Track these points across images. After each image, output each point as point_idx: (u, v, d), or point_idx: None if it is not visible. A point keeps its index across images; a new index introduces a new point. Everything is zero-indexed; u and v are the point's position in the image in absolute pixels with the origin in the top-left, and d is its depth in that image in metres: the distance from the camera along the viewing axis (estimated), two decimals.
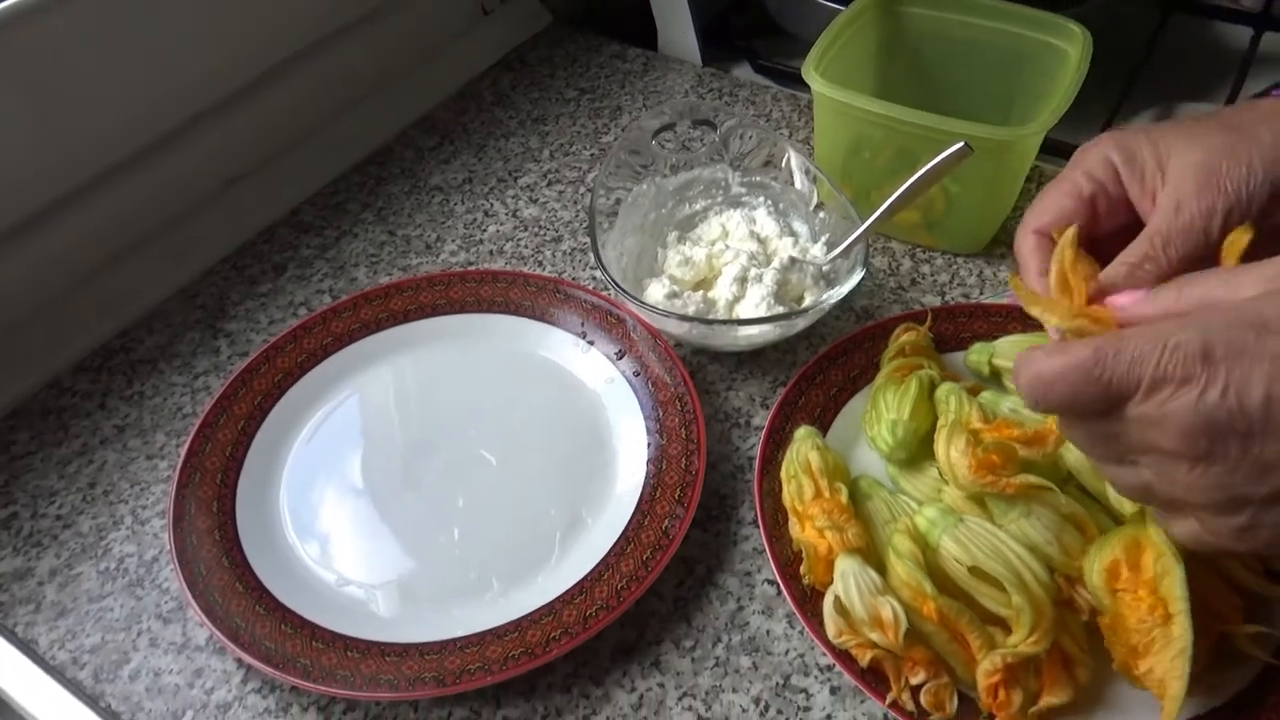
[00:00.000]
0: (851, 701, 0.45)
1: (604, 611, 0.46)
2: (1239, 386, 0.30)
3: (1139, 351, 0.31)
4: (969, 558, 0.43)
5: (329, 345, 0.60)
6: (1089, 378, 0.32)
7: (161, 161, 0.64)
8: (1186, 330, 0.31)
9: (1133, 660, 0.40)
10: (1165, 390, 0.31)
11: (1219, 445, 0.31)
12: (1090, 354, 0.32)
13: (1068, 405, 0.34)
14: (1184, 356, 0.31)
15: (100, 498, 0.55)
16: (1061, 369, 0.33)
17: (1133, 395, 0.32)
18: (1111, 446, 0.34)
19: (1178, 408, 0.31)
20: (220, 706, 0.46)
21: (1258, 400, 0.30)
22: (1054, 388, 0.33)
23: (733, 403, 0.58)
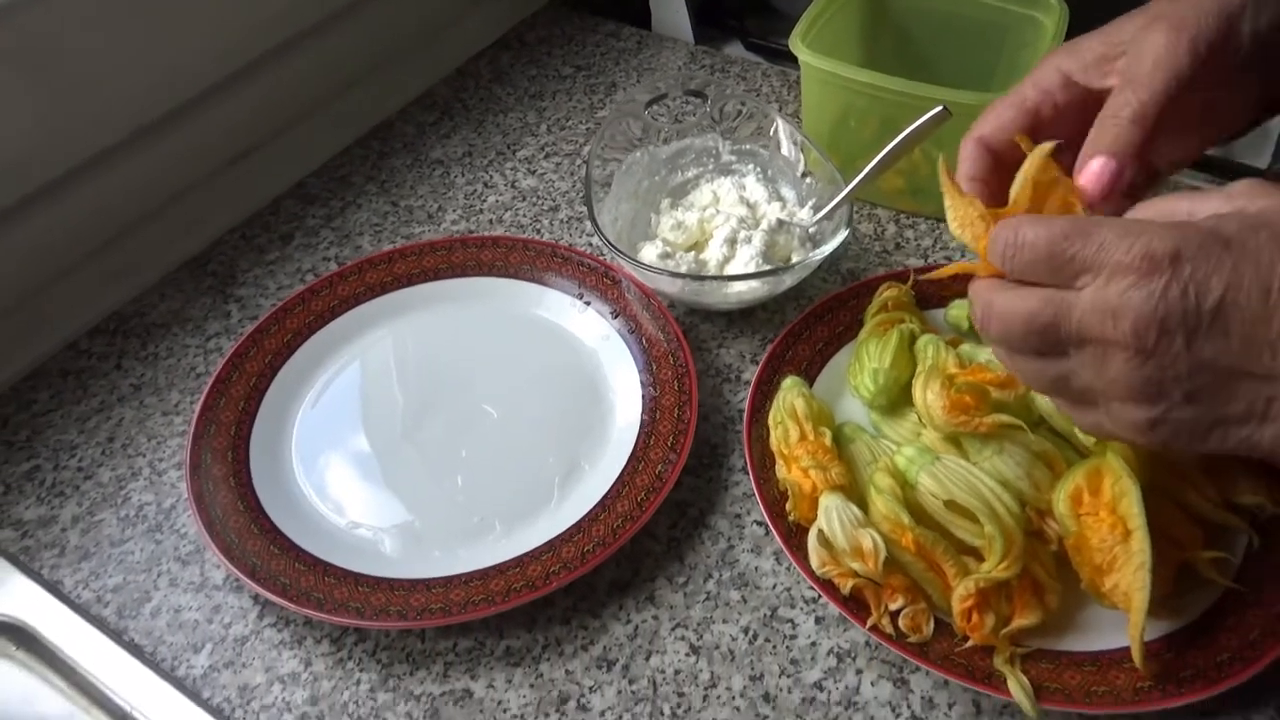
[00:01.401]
0: (835, 630, 0.48)
1: (600, 548, 0.49)
2: (1199, 288, 0.32)
3: (1108, 239, 0.34)
4: (944, 492, 0.46)
5: (336, 307, 0.62)
6: (1056, 248, 0.35)
7: (172, 135, 0.67)
8: (1161, 232, 0.33)
9: (1098, 578, 0.43)
10: (1128, 278, 0.33)
11: (1164, 339, 0.33)
12: (1066, 226, 0.35)
13: (1032, 269, 0.36)
14: (1153, 253, 0.33)
15: (119, 451, 0.58)
16: (1037, 235, 0.35)
17: (1093, 275, 0.34)
18: (1051, 335, 0.36)
19: (1138, 297, 0.33)
20: (238, 639, 0.49)
21: (1212, 302, 0.32)
22: (1023, 250, 0.36)
23: (724, 359, 0.61)
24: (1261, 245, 0.33)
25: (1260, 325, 0.32)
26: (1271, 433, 0.34)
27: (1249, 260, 0.32)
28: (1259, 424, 0.34)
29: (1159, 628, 0.45)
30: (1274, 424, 0.34)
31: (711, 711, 0.45)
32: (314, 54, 0.75)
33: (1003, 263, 0.37)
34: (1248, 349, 0.33)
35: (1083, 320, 0.34)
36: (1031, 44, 0.67)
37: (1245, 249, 0.33)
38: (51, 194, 0.61)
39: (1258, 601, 0.45)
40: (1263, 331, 0.32)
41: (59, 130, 0.60)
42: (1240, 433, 0.34)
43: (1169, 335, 0.33)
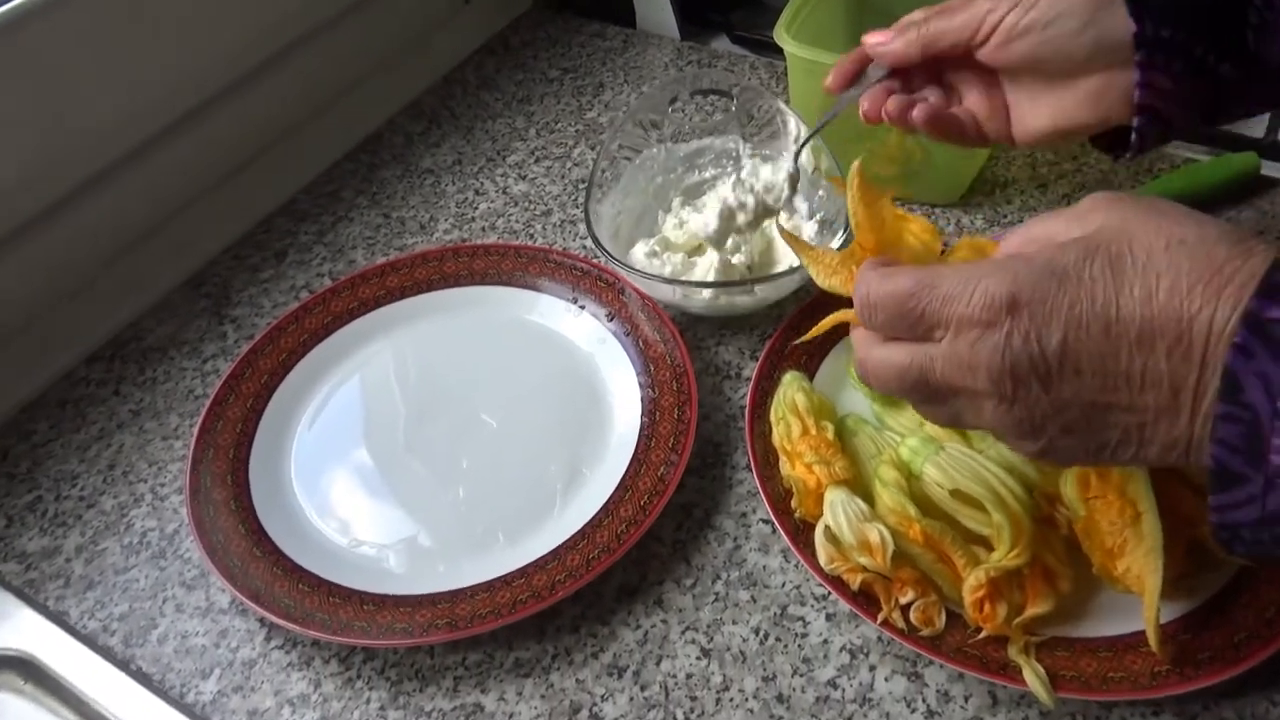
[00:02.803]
0: (847, 626, 0.47)
1: (605, 554, 0.48)
2: (1039, 334, 0.33)
3: (951, 291, 0.34)
4: (950, 481, 0.45)
5: (330, 324, 0.62)
6: (904, 307, 0.35)
7: (160, 157, 0.67)
8: (997, 275, 0.34)
9: (1110, 562, 0.42)
10: (974, 331, 0.34)
11: (1022, 387, 0.33)
12: (910, 284, 0.35)
13: (890, 326, 0.37)
14: (992, 301, 0.33)
15: (120, 478, 0.57)
16: (884, 295, 0.36)
17: (943, 329, 0.35)
18: (924, 387, 0.36)
19: (985, 349, 0.33)
20: (246, 663, 0.49)
21: (1055, 346, 0.33)
22: (877, 311, 0.37)
23: (723, 356, 0.60)
24: (1095, 278, 0.33)
25: (1109, 360, 0.32)
26: (1155, 452, 0.34)
27: (1085, 297, 0.32)
28: (1139, 446, 0.34)
29: (1174, 609, 0.44)
30: (1153, 446, 0.34)
31: (725, 715, 0.45)
32: (299, 68, 0.74)
33: (865, 323, 0.38)
34: (1103, 384, 0.33)
35: (945, 373, 0.35)
36: None
37: (1080, 283, 0.33)
38: (41, 222, 0.61)
39: (1271, 577, 0.44)
40: (1113, 365, 0.32)
41: (46, 158, 0.60)
42: (1125, 454, 0.34)
43: (1024, 383, 0.33)
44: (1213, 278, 0.31)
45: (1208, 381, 0.31)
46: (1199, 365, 0.31)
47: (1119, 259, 0.33)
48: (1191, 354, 0.31)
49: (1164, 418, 0.33)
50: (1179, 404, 0.32)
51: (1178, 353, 0.32)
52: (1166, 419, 0.33)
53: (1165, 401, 0.32)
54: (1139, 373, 0.32)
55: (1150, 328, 0.32)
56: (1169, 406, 0.32)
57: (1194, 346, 0.31)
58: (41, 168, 0.60)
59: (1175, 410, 0.32)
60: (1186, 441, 0.33)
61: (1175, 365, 0.32)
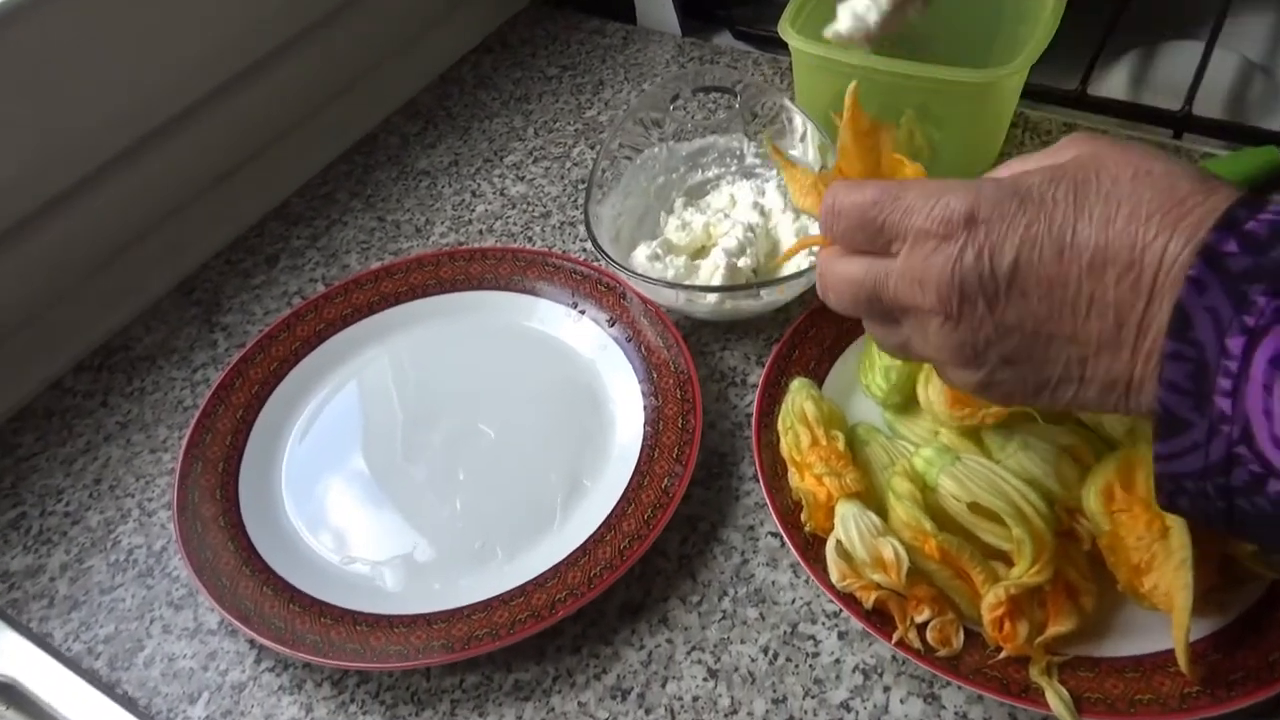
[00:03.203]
0: (860, 645, 0.45)
1: (608, 571, 0.47)
2: (992, 250, 0.32)
3: (912, 203, 0.34)
4: (967, 494, 0.43)
5: (323, 331, 0.60)
6: (866, 215, 0.35)
7: (148, 161, 0.65)
8: (961, 192, 0.33)
9: (1136, 579, 0.40)
10: (929, 244, 0.33)
11: (968, 304, 0.33)
12: (875, 194, 0.35)
13: (850, 236, 0.36)
14: (950, 215, 0.33)
15: (106, 493, 0.56)
16: (848, 204, 0.36)
17: (901, 241, 0.34)
18: (877, 303, 0.36)
19: (937, 262, 0.33)
20: (235, 687, 0.47)
21: (1006, 266, 0.32)
22: (840, 219, 0.36)
23: (728, 362, 0.58)
24: (1058, 200, 0.32)
25: (1058, 286, 0.32)
26: (1095, 393, 0.33)
27: (1044, 218, 0.32)
28: (1080, 384, 0.33)
29: (1204, 626, 0.42)
30: (1093, 385, 0.33)
31: None
32: (292, 68, 0.72)
33: (827, 232, 0.38)
34: (1050, 310, 0.32)
35: (897, 288, 0.35)
36: (1030, 16, 0.64)
37: (1042, 204, 0.32)
38: (27, 227, 0.59)
39: None
40: (1060, 293, 0.32)
41: (30, 161, 0.58)
42: (1066, 393, 0.34)
43: (970, 301, 0.33)
44: (1173, 209, 0.31)
45: (1154, 315, 0.30)
46: (1147, 295, 0.30)
47: (1084, 185, 0.32)
48: (1140, 283, 0.31)
49: (1106, 351, 0.32)
50: (1122, 337, 0.31)
51: (1127, 280, 0.31)
52: (1109, 353, 0.32)
53: (1109, 333, 0.31)
54: (1086, 300, 0.31)
55: (1103, 254, 0.31)
56: (1112, 339, 0.32)
57: (1144, 275, 0.30)
58: (26, 171, 0.58)
59: (1118, 344, 0.31)
60: (1126, 381, 0.32)
61: (1123, 294, 0.31)
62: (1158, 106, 0.70)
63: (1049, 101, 0.72)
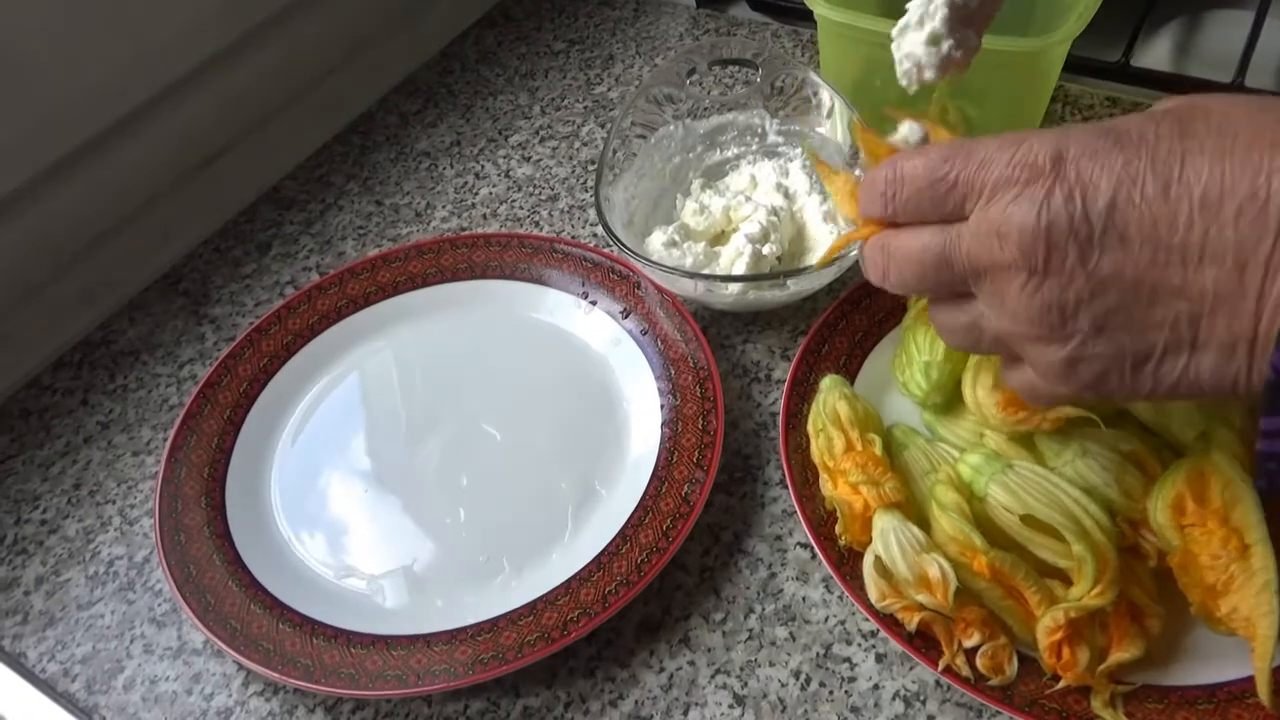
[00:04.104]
0: (900, 669, 0.41)
1: (624, 588, 0.43)
2: (1084, 190, 0.28)
3: (989, 155, 0.30)
4: (1021, 506, 0.40)
5: (316, 325, 0.56)
6: (935, 175, 0.31)
7: (131, 141, 0.61)
8: (1045, 136, 0.29)
9: (1212, 601, 0.36)
10: (1010, 191, 0.29)
11: (1056, 254, 0.29)
12: (945, 151, 0.31)
13: (916, 203, 0.32)
14: (1034, 159, 0.29)
15: (86, 499, 0.52)
16: (914, 165, 0.32)
17: (977, 196, 0.30)
18: (946, 272, 0.32)
19: (1020, 209, 0.29)
20: (221, 712, 0.43)
21: (1102, 206, 0.28)
22: (905, 184, 0.32)
23: (750, 356, 0.54)
24: (1161, 135, 0.28)
25: (1164, 226, 0.27)
26: (1210, 364, 0.28)
27: (1145, 153, 0.28)
28: (1191, 353, 0.28)
29: None
30: (1209, 352, 0.28)
31: None
32: (284, 42, 0.68)
33: (885, 205, 0.33)
34: (1154, 257, 0.28)
35: (971, 248, 0.31)
36: None
37: (1143, 141, 0.28)
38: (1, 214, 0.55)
39: None
40: (1168, 232, 0.27)
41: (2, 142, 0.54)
42: (1174, 367, 0.29)
43: (1058, 249, 0.29)
44: None
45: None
46: (1276, 229, 0.26)
47: (1189, 121, 0.28)
48: (1267, 214, 0.26)
49: (1224, 305, 0.27)
50: (1244, 284, 0.27)
51: (1250, 212, 0.26)
52: (1227, 306, 0.27)
53: (1228, 282, 0.27)
54: (1198, 243, 0.27)
55: (1219, 185, 0.27)
56: (1232, 289, 0.27)
57: (1271, 204, 0.26)
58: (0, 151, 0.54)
59: (1239, 293, 0.27)
60: (1250, 341, 0.27)
61: (1244, 231, 0.26)
62: (1207, 79, 0.66)
63: (1089, 74, 0.68)
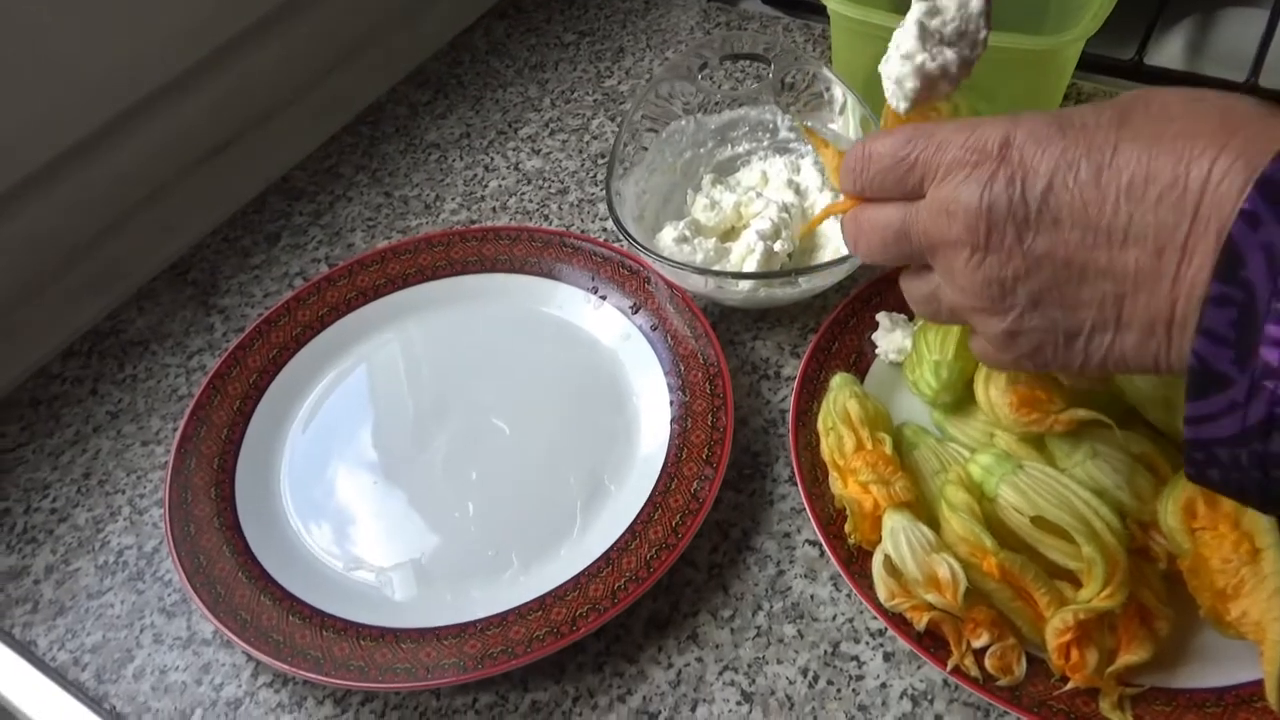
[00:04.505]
0: (908, 668, 0.42)
1: (633, 584, 0.43)
2: (1025, 174, 0.30)
3: (946, 137, 0.32)
4: (1031, 507, 0.40)
5: (325, 316, 0.56)
6: (898, 155, 0.34)
7: (140, 131, 0.60)
8: (998, 121, 0.31)
9: (1222, 605, 0.36)
10: (961, 173, 0.32)
11: (995, 232, 0.31)
12: (909, 132, 0.34)
13: (881, 180, 0.35)
14: (984, 144, 0.31)
15: (96, 488, 0.52)
16: (880, 145, 0.34)
17: (933, 176, 0.33)
18: (906, 245, 0.35)
19: (967, 189, 0.31)
20: (230, 703, 0.44)
21: (1039, 189, 0.30)
22: (871, 163, 0.35)
23: (760, 353, 0.54)
24: (1101, 124, 0.30)
25: (1093, 208, 0.29)
26: (1132, 341, 0.30)
27: (1083, 140, 0.30)
28: (1116, 331, 0.31)
29: None
30: (1131, 330, 0.30)
31: None
32: (293, 33, 0.68)
33: (855, 182, 0.36)
34: (1083, 238, 0.30)
35: (926, 224, 0.33)
36: None
37: (1083, 129, 0.30)
38: (9, 204, 0.55)
39: None
40: (1096, 215, 0.29)
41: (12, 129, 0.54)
42: (1101, 343, 0.31)
43: (998, 228, 0.31)
44: (1227, 129, 0.28)
45: (1197, 240, 0.28)
46: (1191, 215, 0.28)
47: (1130, 111, 0.30)
48: (1184, 201, 0.28)
49: (1144, 286, 0.29)
50: (1162, 266, 0.28)
51: (1169, 199, 0.28)
52: (1147, 287, 0.29)
53: (1147, 263, 0.29)
54: (1123, 226, 0.29)
55: (1144, 171, 0.28)
56: (1151, 271, 0.29)
57: (1188, 192, 0.28)
58: (7, 141, 0.54)
59: (1158, 275, 0.29)
60: (1168, 320, 0.29)
61: (1164, 215, 0.28)
62: (1221, 77, 0.65)
63: (1102, 72, 0.68)
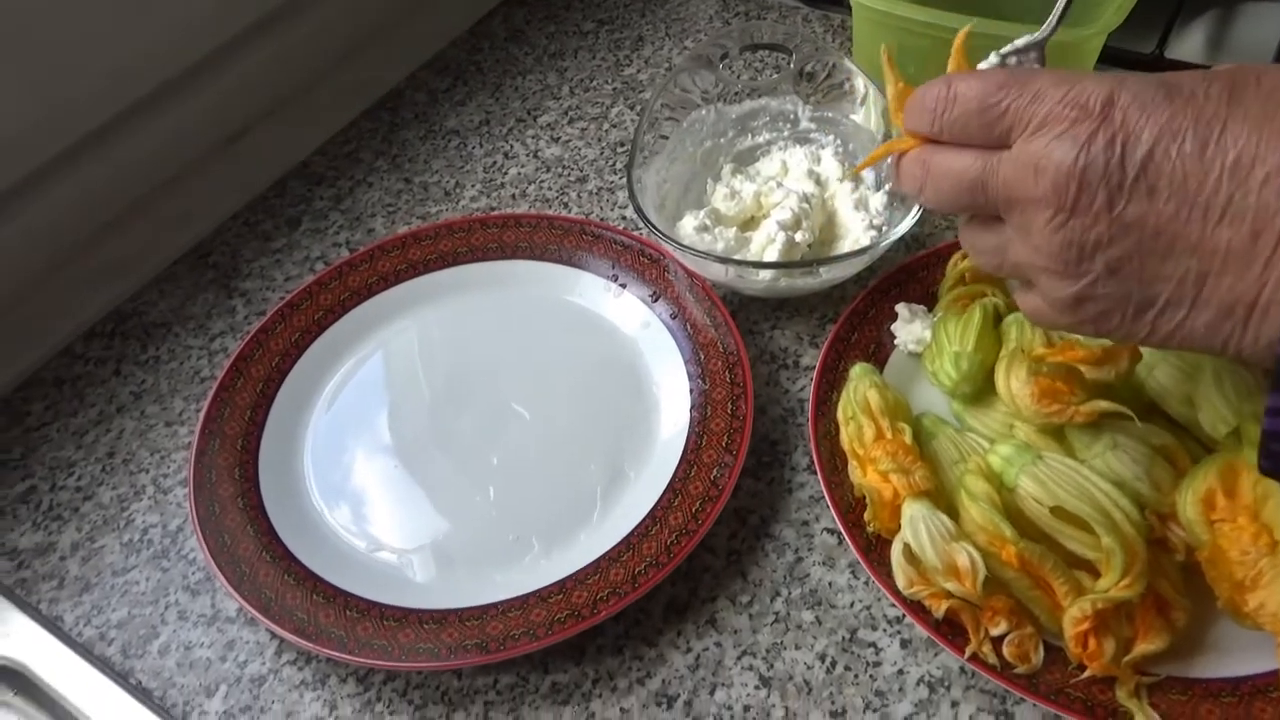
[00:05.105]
0: (925, 655, 0.42)
1: (653, 568, 0.43)
2: (1127, 137, 0.29)
3: (1043, 89, 0.31)
4: (1050, 497, 0.40)
5: (347, 300, 0.56)
6: (987, 100, 0.32)
7: (163, 114, 0.61)
8: (1099, 79, 0.30)
9: (1240, 596, 0.37)
10: (1056, 129, 0.30)
11: (1085, 195, 0.29)
12: (1004, 78, 0.32)
13: (963, 124, 0.33)
14: (1086, 100, 0.30)
15: (120, 467, 0.53)
16: (969, 86, 0.32)
17: (1022, 128, 0.31)
18: (980, 195, 0.33)
19: (1062, 147, 0.30)
20: (255, 679, 0.44)
21: (1139, 156, 0.29)
22: (955, 104, 0.33)
23: (779, 342, 0.54)
24: (1210, 96, 0.29)
25: (1193, 182, 0.28)
26: (1205, 321, 0.30)
27: (1191, 111, 0.29)
28: (1190, 309, 0.30)
29: None
30: (1207, 310, 0.29)
31: None
32: (313, 19, 0.68)
33: (933, 121, 0.34)
34: (1177, 210, 0.29)
35: (1008, 177, 0.32)
36: None
37: (1192, 98, 0.29)
38: (34, 185, 0.56)
39: None
40: (1195, 189, 0.28)
41: (38, 115, 0.54)
42: (1171, 319, 0.30)
43: (1089, 190, 0.29)
44: None
45: None
46: None
47: (1241, 85, 0.29)
48: None
49: (1231, 267, 0.28)
50: (1256, 249, 0.28)
51: (1275, 183, 0.27)
52: (1234, 269, 0.28)
53: (1240, 245, 0.28)
54: (1221, 204, 0.28)
55: (1252, 151, 0.27)
56: (1242, 252, 0.28)
57: None
58: (33, 124, 0.54)
59: (1249, 257, 0.28)
60: (1249, 305, 0.28)
61: (1267, 198, 0.27)
62: None
63: (1123, 65, 0.68)
